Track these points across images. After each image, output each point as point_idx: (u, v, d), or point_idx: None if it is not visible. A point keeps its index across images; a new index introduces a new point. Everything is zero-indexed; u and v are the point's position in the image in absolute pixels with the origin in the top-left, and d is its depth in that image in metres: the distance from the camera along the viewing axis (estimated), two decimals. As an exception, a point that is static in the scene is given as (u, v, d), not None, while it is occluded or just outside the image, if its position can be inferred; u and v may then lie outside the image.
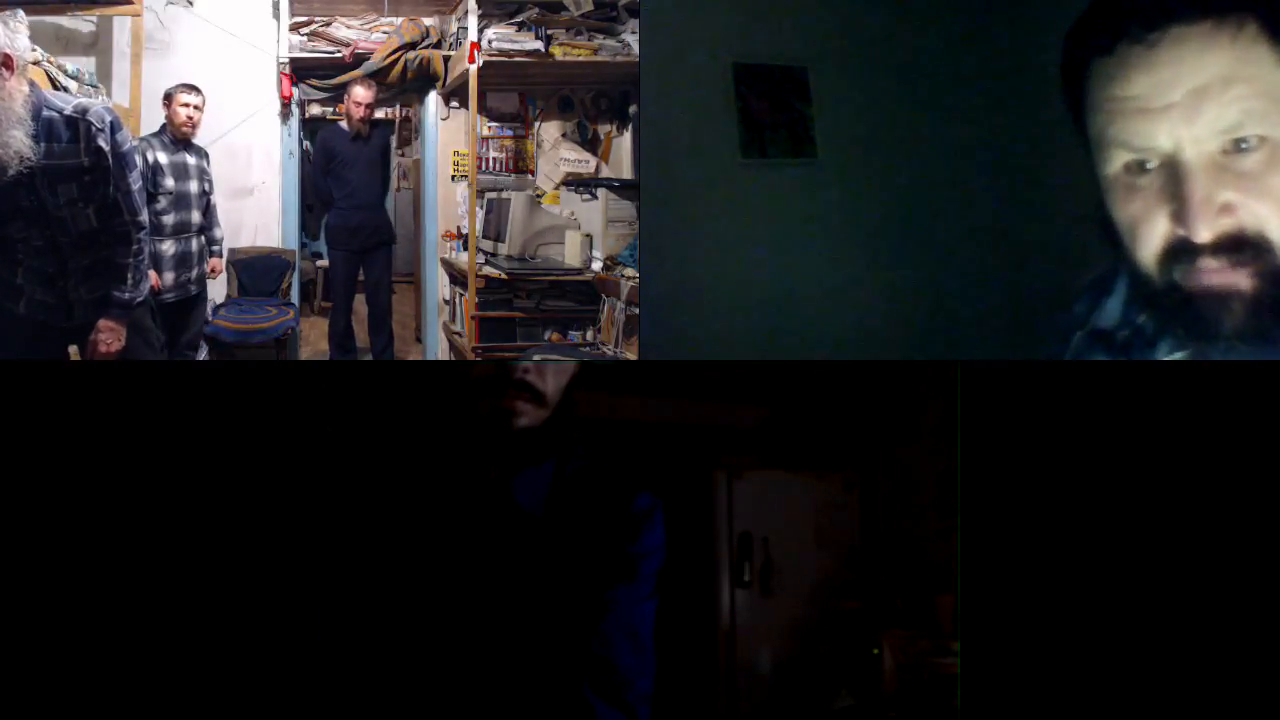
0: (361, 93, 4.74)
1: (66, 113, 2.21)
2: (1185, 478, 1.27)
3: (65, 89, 3.41)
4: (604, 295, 4.09)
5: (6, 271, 2.30)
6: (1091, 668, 1.30)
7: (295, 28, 4.90)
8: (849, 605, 2.26)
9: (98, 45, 4.54)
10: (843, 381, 2.48)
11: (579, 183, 4.75)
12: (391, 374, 1.38)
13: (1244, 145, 0.83)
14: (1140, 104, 0.84)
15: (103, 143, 2.23)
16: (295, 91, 4.91)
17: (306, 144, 5.42)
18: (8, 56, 2.14)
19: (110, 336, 2.33)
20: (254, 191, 4.94)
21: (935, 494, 2.23)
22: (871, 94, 2.99)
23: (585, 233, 4.42)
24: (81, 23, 4.48)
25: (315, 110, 6.35)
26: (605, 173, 5.02)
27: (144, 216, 2.39)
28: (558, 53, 4.53)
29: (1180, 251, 0.84)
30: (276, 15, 4.84)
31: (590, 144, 5.13)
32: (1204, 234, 0.83)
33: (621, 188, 4.28)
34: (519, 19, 4.53)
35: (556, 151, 5.08)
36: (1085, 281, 1.07)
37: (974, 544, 1.35)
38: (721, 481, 2.27)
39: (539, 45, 4.50)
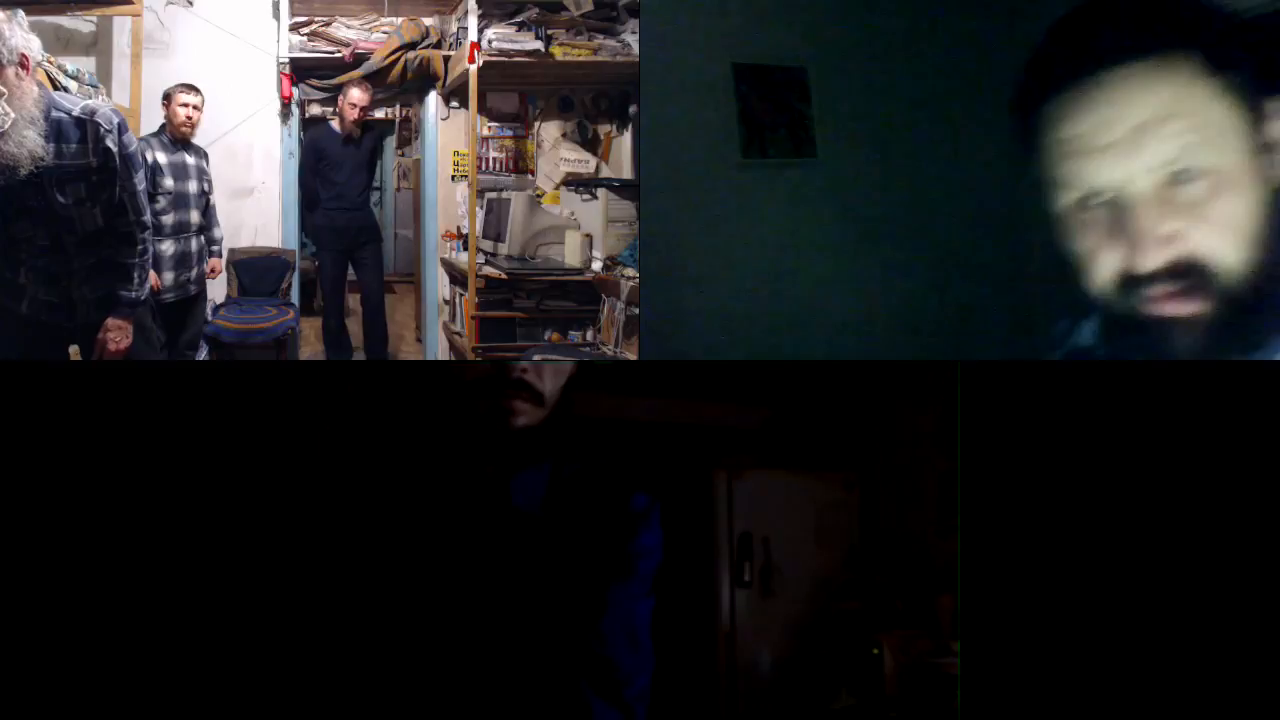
0: (357, 94, 4.73)
1: (75, 114, 2.23)
2: (1185, 478, 1.27)
3: (65, 89, 3.41)
4: (604, 295, 4.09)
5: (9, 271, 2.31)
6: (1092, 667, 1.30)
7: (295, 28, 4.90)
8: (849, 605, 2.26)
9: (98, 45, 4.54)
10: (843, 381, 2.48)
11: (579, 183, 4.76)
12: (390, 374, 1.38)
13: (1186, 177, 0.86)
14: (1084, 144, 0.88)
15: (111, 144, 2.26)
16: (295, 91, 4.91)
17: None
18: (24, 56, 2.15)
19: (119, 335, 2.35)
20: (254, 191, 4.94)
21: (935, 494, 2.22)
22: (871, 94, 2.99)
23: (585, 233, 4.43)
24: (81, 23, 4.48)
25: (315, 110, 6.35)
26: (605, 173, 5.02)
27: (148, 217, 2.41)
28: (558, 53, 4.53)
29: (1131, 282, 0.88)
30: (276, 15, 4.84)
31: (590, 144, 5.13)
32: (1151, 263, 0.86)
33: (621, 188, 4.28)
34: (519, 19, 4.53)
35: (556, 151, 5.08)
36: (1064, 302, 1.09)
37: (974, 544, 1.35)
38: (721, 481, 2.28)
39: (539, 45, 4.50)
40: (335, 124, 4.86)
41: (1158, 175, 0.86)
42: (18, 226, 2.24)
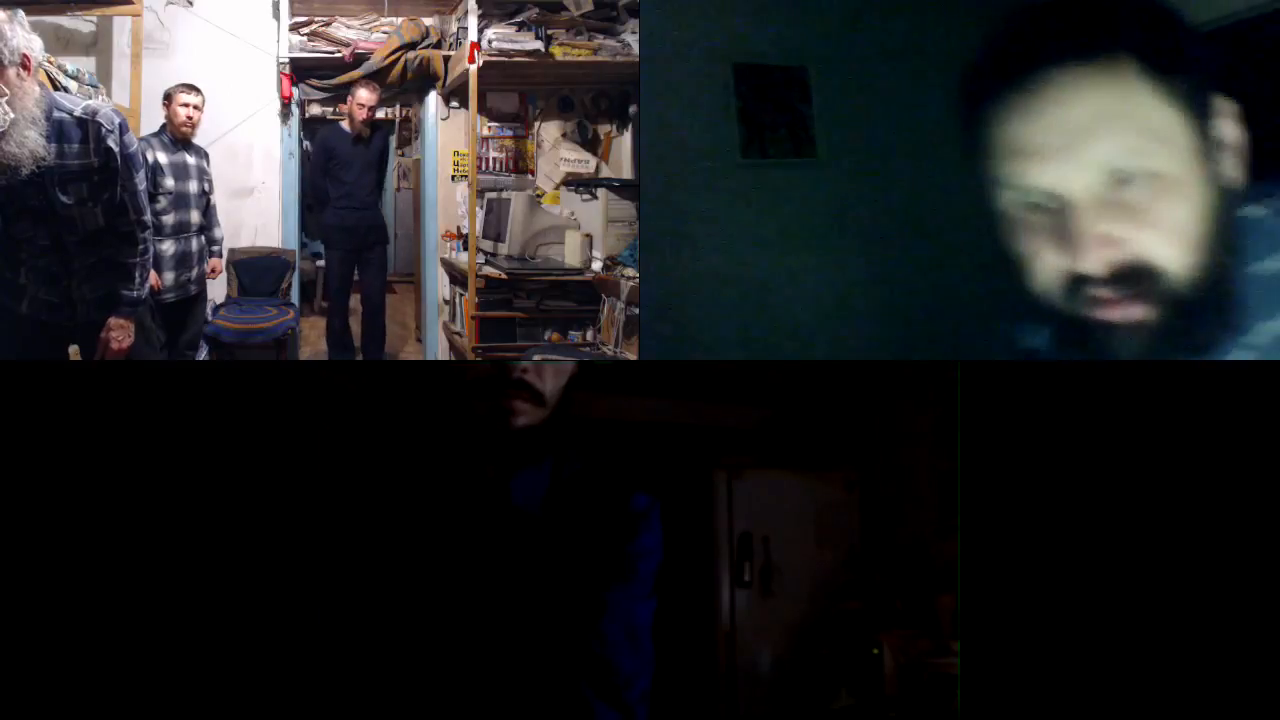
0: (365, 94, 4.74)
1: (77, 114, 2.23)
2: (1185, 478, 1.27)
3: (65, 89, 3.41)
4: (604, 295, 4.09)
5: (9, 271, 2.31)
6: (1092, 667, 1.30)
7: (295, 28, 4.90)
8: (849, 605, 2.26)
9: (98, 45, 4.54)
10: (843, 381, 2.48)
11: (579, 183, 4.76)
12: (390, 374, 1.38)
13: (1126, 179, 0.86)
14: (1023, 147, 0.88)
15: (112, 144, 2.26)
16: (295, 91, 4.91)
17: (306, 144, 5.43)
18: (26, 57, 2.15)
19: (121, 334, 2.35)
20: (254, 191, 4.94)
21: (935, 494, 2.23)
22: (871, 94, 2.99)
23: (585, 233, 4.43)
24: (81, 23, 4.48)
25: (315, 110, 6.35)
26: (605, 173, 5.02)
27: (149, 216, 2.41)
28: (558, 53, 4.53)
29: (1073, 284, 0.88)
30: (276, 15, 4.84)
31: (590, 144, 5.13)
32: (1092, 266, 0.86)
33: (621, 188, 4.28)
34: (519, 19, 4.53)
35: (556, 151, 5.08)
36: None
37: (974, 544, 1.35)
38: (721, 481, 2.27)
39: (539, 45, 4.50)
40: (345, 124, 4.88)
41: (1098, 178, 0.86)
42: (18, 227, 2.24)
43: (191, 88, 3.88)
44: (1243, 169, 0.91)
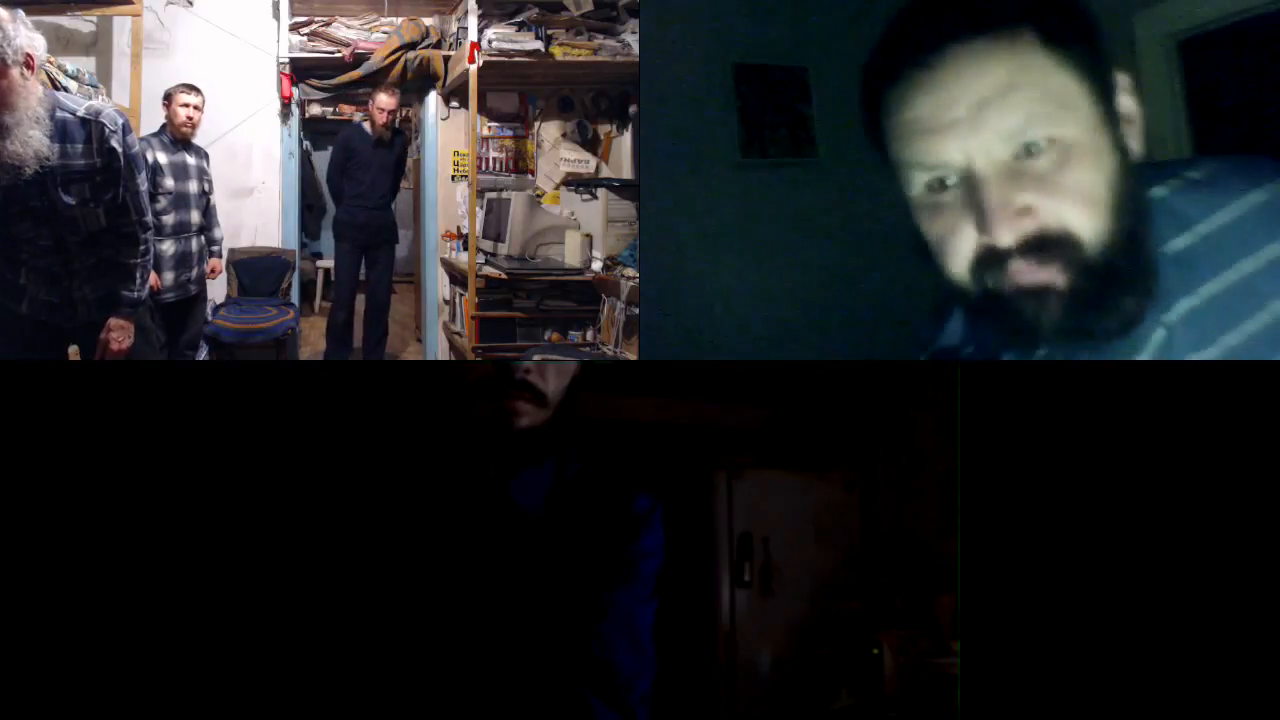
0: (385, 99, 4.77)
1: (80, 114, 2.23)
2: (1186, 478, 1.27)
3: (65, 89, 3.40)
4: (604, 295, 4.09)
5: (10, 272, 2.30)
6: (1092, 668, 1.30)
7: (295, 28, 4.90)
8: (849, 605, 2.26)
9: (98, 45, 4.54)
10: (843, 381, 2.48)
11: (579, 183, 4.76)
12: (391, 374, 1.38)
13: (1033, 149, 0.86)
14: (928, 124, 0.88)
15: (116, 144, 2.26)
16: (295, 91, 4.92)
17: (307, 144, 5.43)
18: (29, 56, 2.14)
19: (122, 334, 2.36)
20: (254, 191, 4.95)
21: (935, 494, 2.23)
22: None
23: (585, 233, 4.43)
24: (81, 23, 4.48)
25: (315, 110, 6.35)
26: (605, 173, 5.02)
27: (150, 217, 2.41)
28: (558, 53, 4.53)
29: (989, 259, 0.87)
30: (276, 15, 4.84)
31: (590, 144, 5.13)
32: (1007, 238, 0.85)
33: (621, 188, 4.28)
34: (519, 19, 4.53)
35: (556, 151, 5.08)
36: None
37: (974, 544, 1.35)
38: (721, 481, 2.27)
39: (539, 45, 4.50)
40: (367, 126, 4.90)
41: (1005, 148, 0.86)
42: (19, 227, 2.24)
43: (192, 88, 3.88)
44: (1141, 142, 0.91)
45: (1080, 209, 0.86)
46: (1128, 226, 0.87)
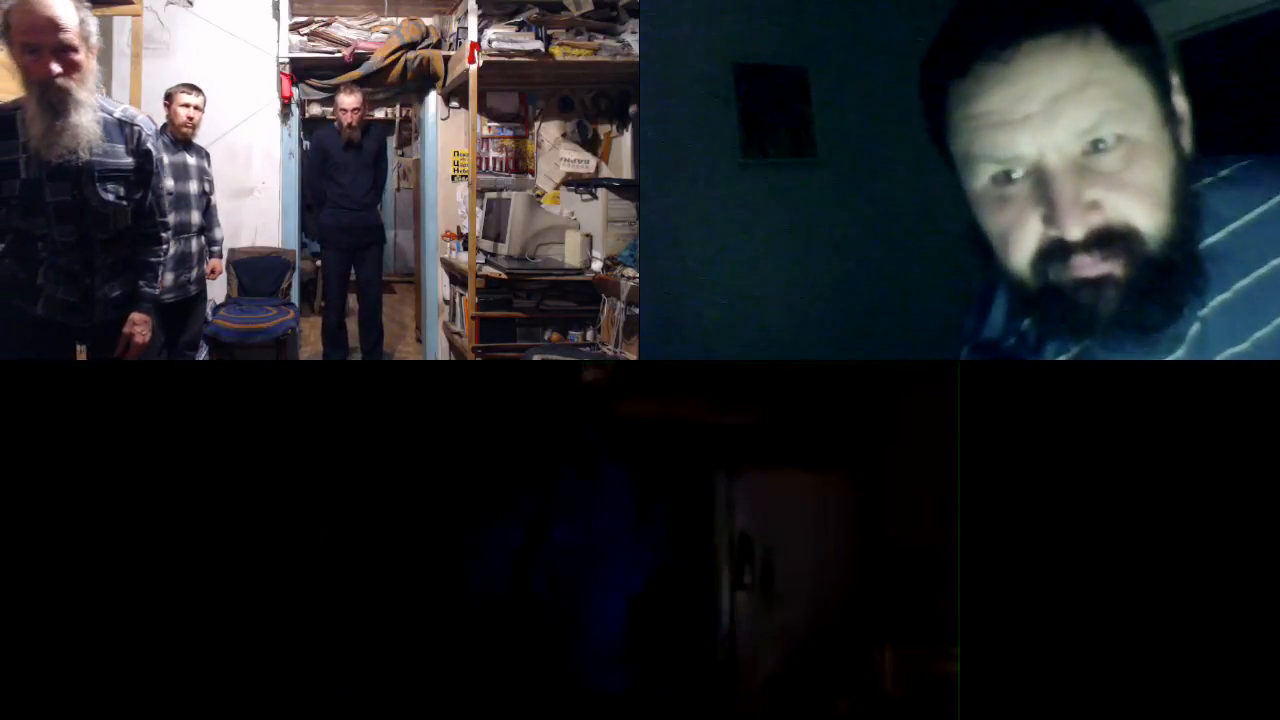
0: (345, 100, 4.76)
1: (116, 115, 2.27)
2: (1186, 478, 1.26)
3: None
4: (604, 295, 4.09)
5: (24, 271, 2.26)
6: (1093, 670, 1.30)
7: (295, 28, 4.90)
8: (849, 607, 2.26)
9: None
10: (843, 381, 2.48)
11: (579, 183, 4.76)
12: (391, 374, 1.37)
13: (1102, 145, 0.87)
14: (1000, 117, 0.89)
15: (150, 147, 2.32)
16: (295, 91, 4.92)
17: (306, 144, 5.44)
18: (86, 40, 2.16)
19: (144, 328, 2.37)
20: (254, 191, 4.95)
21: (935, 494, 2.22)
22: (871, 94, 2.99)
23: (585, 233, 4.42)
24: (81, 23, 4.47)
25: (315, 110, 6.35)
26: (605, 173, 5.02)
27: (170, 219, 2.47)
28: (558, 53, 4.53)
29: (1054, 252, 0.89)
30: (276, 15, 4.84)
31: (590, 144, 5.13)
32: (1075, 232, 0.87)
33: (621, 188, 4.28)
34: (519, 19, 4.53)
35: (556, 151, 5.08)
36: (971, 295, 1.10)
37: (974, 545, 1.35)
38: (721, 481, 2.27)
39: (539, 45, 4.50)
40: (337, 127, 4.90)
41: (1077, 143, 0.87)
42: (35, 221, 2.20)
43: (192, 88, 3.88)
44: (1191, 140, 0.94)
45: (1143, 204, 0.88)
46: (1183, 222, 0.89)
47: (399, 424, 1.23)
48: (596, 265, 4.26)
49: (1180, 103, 0.94)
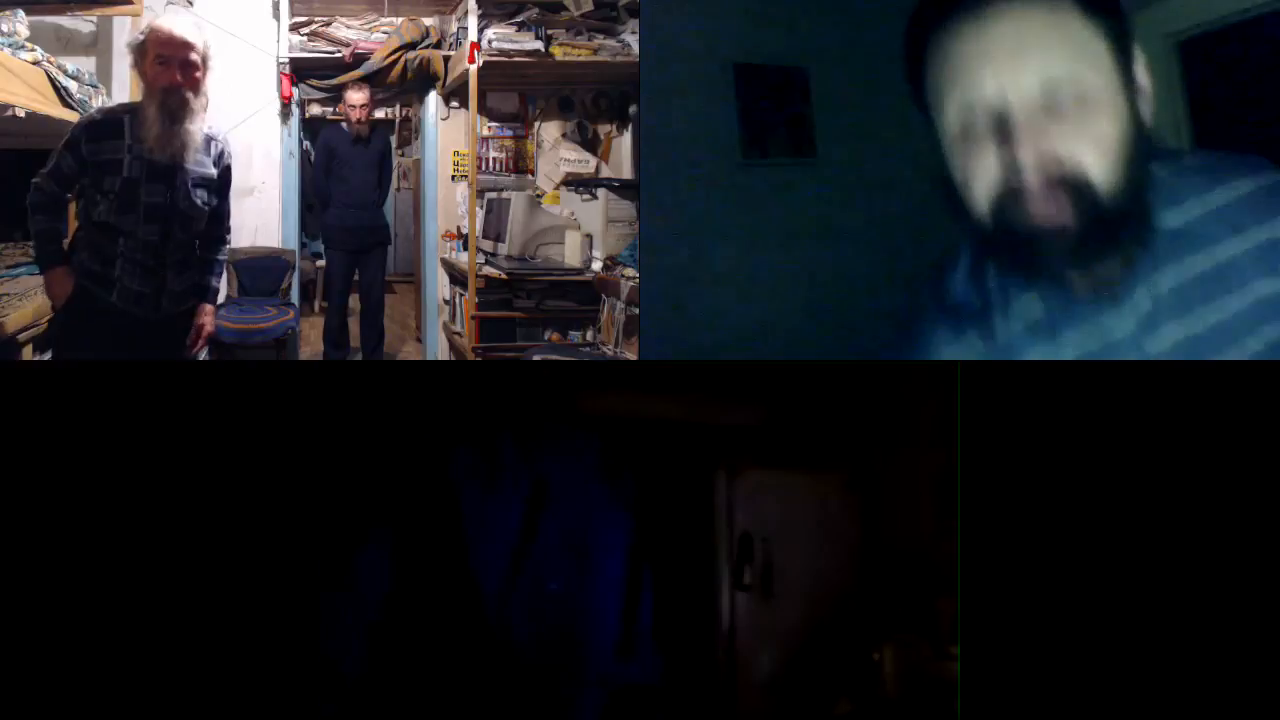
0: (354, 96, 4.76)
1: (205, 131, 2.53)
2: (1186, 478, 1.26)
3: (65, 89, 3.40)
4: (604, 295, 4.09)
5: (99, 264, 2.44)
6: (1093, 671, 1.30)
7: (295, 28, 4.90)
8: (849, 608, 2.26)
9: (98, 45, 4.54)
10: (843, 381, 2.48)
11: (579, 183, 4.75)
12: (391, 374, 1.37)
13: (1062, 94, 0.94)
14: (968, 62, 0.97)
15: (229, 161, 2.61)
16: (295, 91, 4.92)
17: (307, 144, 5.44)
18: (205, 61, 2.50)
19: (212, 319, 2.66)
20: (254, 191, 4.94)
21: (935, 495, 2.22)
22: (871, 94, 2.99)
23: (585, 233, 4.42)
24: (81, 23, 4.48)
25: (315, 110, 6.35)
26: (605, 173, 5.02)
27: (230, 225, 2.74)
28: (558, 53, 4.53)
29: (1012, 196, 0.95)
30: (276, 15, 4.84)
31: (590, 144, 5.13)
32: (1032, 178, 0.94)
33: (621, 188, 4.28)
34: (519, 19, 4.52)
35: (556, 151, 5.08)
36: (930, 264, 1.15)
37: (974, 546, 1.35)
38: (721, 481, 2.27)
39: (539, 45, 4.50)
40: (345, 125, 4.90)
41: (1038, 86, 0.94)
42: (125, 219, 2.40)
43: (192, 88, 3.87)
44: (1151, 111, 1.00)
45: (1098, 160, 0.94)
46: (1135, 179, 0.96)
47: (399, 424, 1.23)
48: (596, 265, 4.25)
49: (1142, 74, 0.99)
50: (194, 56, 2.46)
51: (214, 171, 2.55)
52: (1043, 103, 0.93)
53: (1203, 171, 1.02)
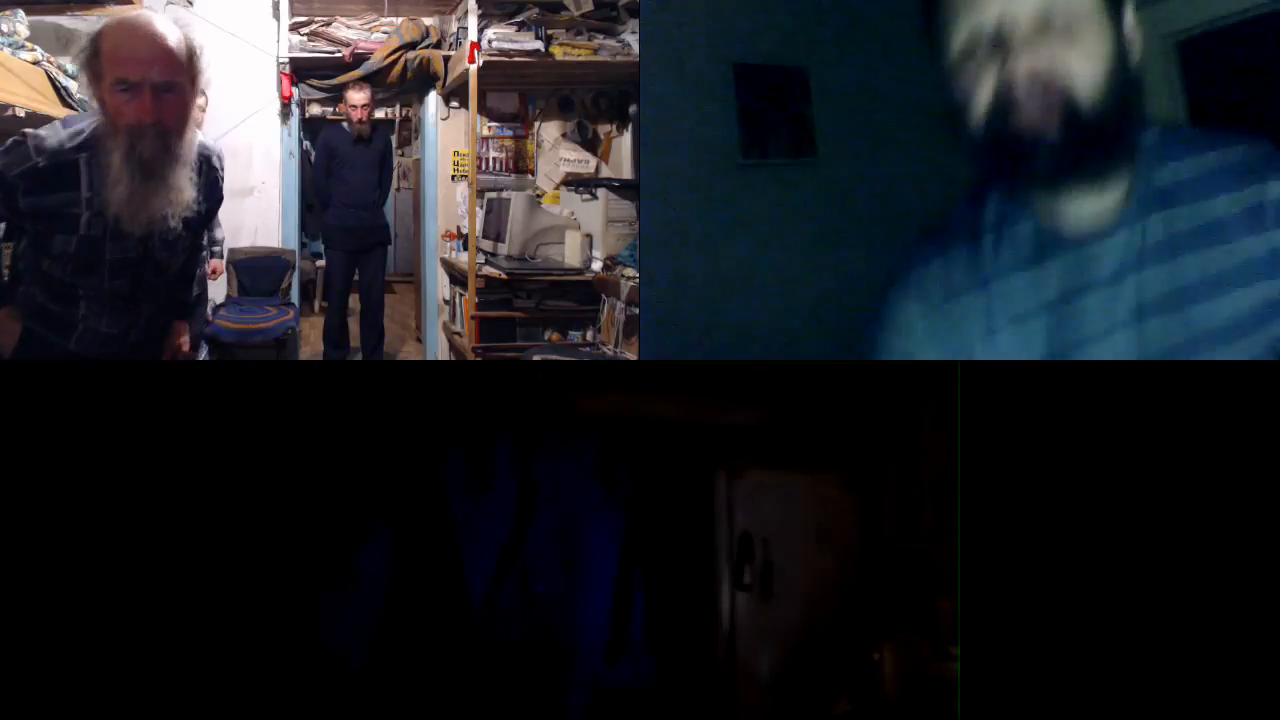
0: (355, 96, 4.77)
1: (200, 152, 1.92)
2: (1186, 478, 1.26)
3: (65, 89, 3.40)
4: (604, 295, 4.09)
5: (55, 304, 1.90)
6: (1093, 672, 1.30)
7: (295, 28, 4.90)
8: (849, 608, 2.26)
9: (98, 45, 4.53)
10: (843, 381, 2.48)
11: (579, 183, 4.75)
12: (391, 374, 1.37)
13: (1058, 18, 1.01)
14: None
15: (219, 179, 2.02)
16: (295, 91, 4.92)
17: (307, 144, 5.44)
18: (195, 79, 1.81)
19: (189, 339, 2.16)
20: (254, 191, 4.95)
21: (935, 495, 2.22)
22: (871, 94, 2.99)
23: (585, 233, 4.42)
24: (81, 23, 4.47)
25: (315, 110, 6.35)
26: (605, 173, 5.02)
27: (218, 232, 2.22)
28: (558, 53, 4.53)
29: (1005, 107, 1.03)
30: (276, 15, 4.84)
31: (590, 144, 5.13)
32: (1026, 93, 1.01)
33: (621, 188, 4.28)
34: (519, 19, 4.53)
35: (556, 151, 5.08)
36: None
37: (974, 546, 1.35)
38: (721, 481, 2.27)
39: (539, 45, 4.50)
40: (346, 124, 4.91)
41: (1034, 16, 1.01)
42: (89, 280, 1.84)
43: (193, 88, 3.86)
44: (1138, 57, 1.07)
45: (1087, 73, 1.01)
46: (1121, 98, 1.03)
47: (399, 424, 1.23)
48: (596, 265, 4.26)
49: (1131, 24, 1.06)
50: (174, 74, 1.73)
51: (202, 207, 1.90)
52: (1039, 24, 1.01)
53: (1199, 138, 1.09)
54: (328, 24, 4.97)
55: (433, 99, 5.22)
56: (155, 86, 1.68)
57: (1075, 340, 1.06)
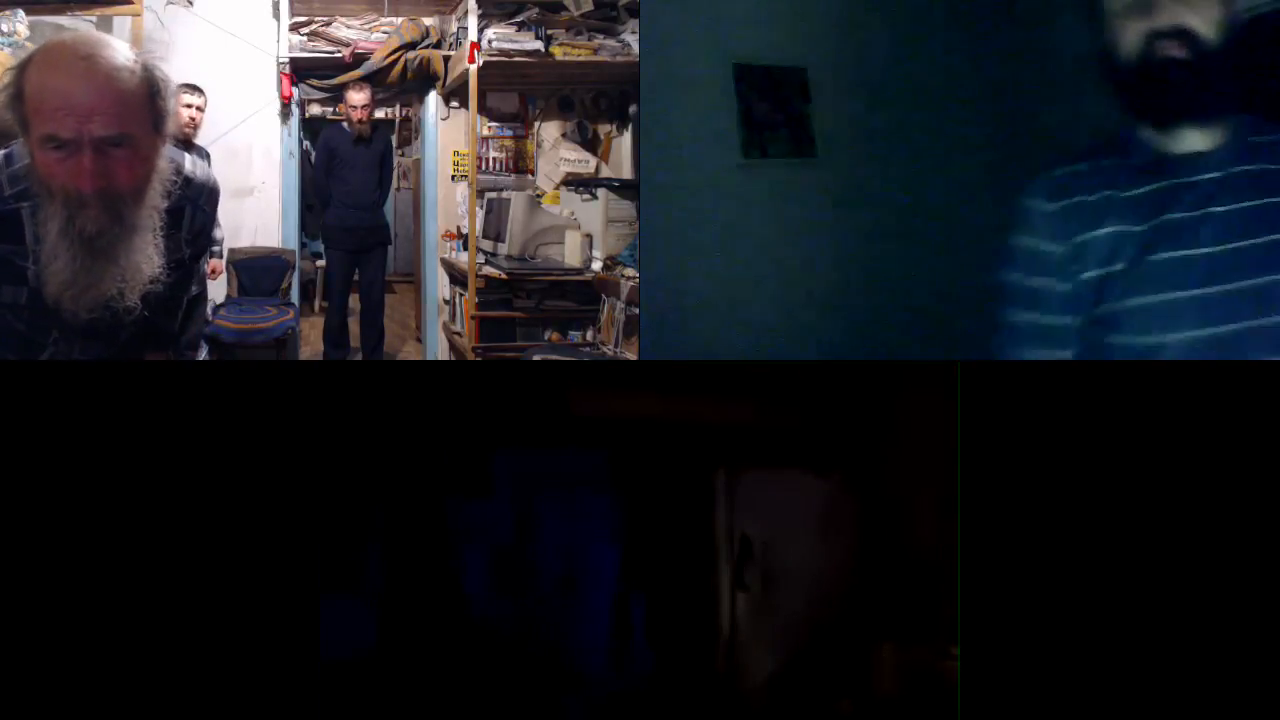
0: (355, 96, 4.77)
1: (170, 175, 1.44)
2: (1187, 478, 1.26)
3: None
4: (604, 295, 4.09)
5: (27, 329, 1.61)
6: (1093, 671, 1.30)
7: (295, 28, 4.90)
8: (848, 608, 2.26)
9: (97, 45, 4.53)
10: (843, 381, 2.48)
11: (579, 183, 4.76)
12: (391, 374, 1.37)
13: None
14: None
15: (203, 221, 1.58)
16: (295, 91, 4.92)
17: (307, 144, 5.44)
18: (158, 120, 1.36)
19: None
20: (254, 191, 4.95)
21: (935, 495, 2.22)
22: (871, 94, 2.99)
23: (585, 233, 4.43)
24: (81, 23, 4.48)
25: (315, 110, 6.35)
26: (605, 173, 5.02)
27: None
28: (558, 53, 4.53)
29: (1150, 40, 1.27)
30: (276, 15, 4.84)
31: (590, 144, 5.13)
32: (1165, 40, 1.25)
33: (621, 188, 4.28)
34: (519, 19, 4.53)
35: (556, 151, 5.08)
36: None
37: (973, 546, 1.35)
38: (721, 481, 2.27)
39: (539, 45, 4.50)
40: (346, 124, 4.91)
41: None
42: (44, 337, 1.61)
43: (194, 88, 3.87)
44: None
45: (1203, 26, 1.27)
46: (1226, 42, 1.28)
47: (399, 424, 1.23)
48: (596, 265, 4.26)
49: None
50: (122, 129, 1.28)
51: (187, 252, 1.55)
52: None
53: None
54: (328, 24, 4.97)
55: (433, 99, 5.22)
56: (98, 142, 1.26)
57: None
